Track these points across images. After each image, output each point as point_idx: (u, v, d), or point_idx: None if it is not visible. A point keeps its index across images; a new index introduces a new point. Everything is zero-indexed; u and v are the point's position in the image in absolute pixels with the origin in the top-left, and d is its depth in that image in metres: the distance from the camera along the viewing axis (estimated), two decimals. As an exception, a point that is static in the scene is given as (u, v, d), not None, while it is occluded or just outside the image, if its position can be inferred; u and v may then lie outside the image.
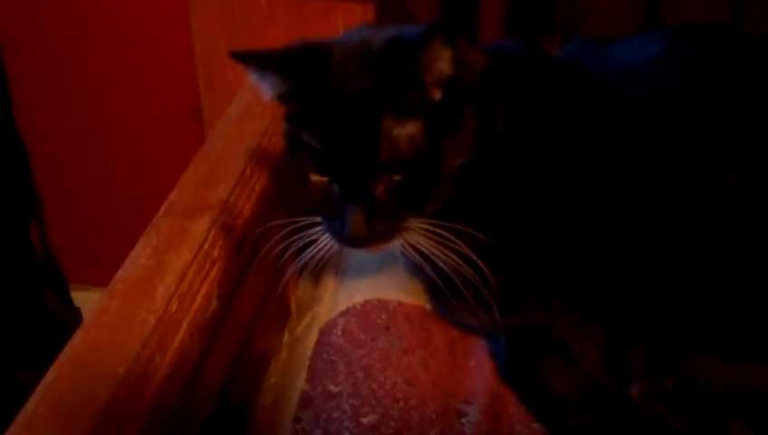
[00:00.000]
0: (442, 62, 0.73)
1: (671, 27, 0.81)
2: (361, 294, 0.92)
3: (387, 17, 1.13)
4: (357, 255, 0.96)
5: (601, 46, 0.81)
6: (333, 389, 0.81)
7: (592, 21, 1.13)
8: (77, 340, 0.68)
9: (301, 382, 0.85)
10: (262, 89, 0.79)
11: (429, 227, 0.76)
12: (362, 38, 0.78)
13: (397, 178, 0.73)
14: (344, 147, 0.73)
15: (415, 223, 0.76)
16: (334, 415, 0.79)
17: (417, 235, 0.76)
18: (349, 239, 0.75)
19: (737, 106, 0.70)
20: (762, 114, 0.69)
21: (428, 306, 0.90)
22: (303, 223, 0.79)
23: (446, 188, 0.76)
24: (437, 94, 0.74)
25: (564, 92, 0.78)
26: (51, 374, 0.64)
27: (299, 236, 0.80)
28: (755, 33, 1.08)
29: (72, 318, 1.76)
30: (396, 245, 0.77)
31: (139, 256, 0.77)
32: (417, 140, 0.73)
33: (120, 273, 0.75)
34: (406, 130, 0.72)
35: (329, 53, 0.76)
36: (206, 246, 0.79)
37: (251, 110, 1.01)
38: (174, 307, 0.72)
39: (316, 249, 0.79)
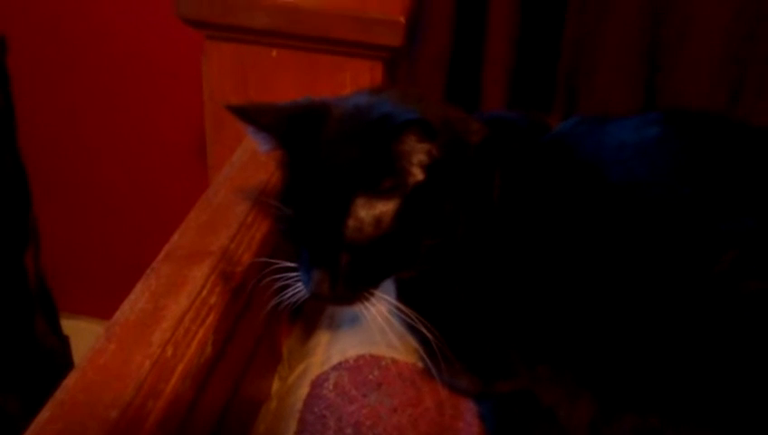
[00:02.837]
0: (418, 153, 0.74)
1: (667, 111, 0.82)
2: (354, 348, 0.92)
3: (394, 77, 1.15)
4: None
5: (599, 124, 0.82)
6: (322, 444, 0.81)
7: (591, 98, 1.15)
8: (71, 381, 0.68)
9: None
10: (257, 142, 0.82)
11: (391, 301, 0.79)
12: (359, 107, 0.79)
13: (363, 254, 0.75)
14: (314, 218, 0.75)
15: (378, 294, 0.79)
16: (322, 471, 0.79)
17: (379, 303, 0.79)
18: (313, 295, 0.78)
19: (728, 193, 0.71)
20: (754, 201, 0.70)
21: (420, 365, 0.90)
22: (283, 265, 0.81)
23: (414, 265, 0.78)
24: (418, 176, 0.75)
25: (558, 173, 0.79)
26: (43, 415, 0.64)
27: (279, 276, 0.81)
28: (750, 116, 1.10)
29: (61, 346, 1.75)
30: (360, 308, 0.79)
31: (137, 300, 0.77)
32: (387, 222, 0.74)
33: (117, 316, 0.75)
34: (375, 212, 0.74)
35: (322, 121, 0.78)
36: (205, 292, 0.79)
37: (255, 158, 1.02)
38: (169, 353, 0.72)
39: (291, 293, 0.81)
